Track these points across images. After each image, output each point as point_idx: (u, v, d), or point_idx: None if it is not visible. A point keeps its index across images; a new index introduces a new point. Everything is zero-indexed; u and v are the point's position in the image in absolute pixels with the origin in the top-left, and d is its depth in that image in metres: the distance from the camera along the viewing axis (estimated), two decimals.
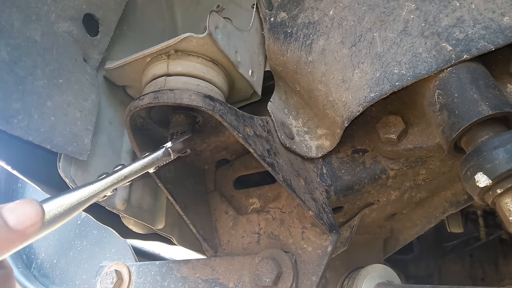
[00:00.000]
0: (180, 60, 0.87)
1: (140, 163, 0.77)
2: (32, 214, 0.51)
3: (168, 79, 0.87)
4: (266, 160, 0.82)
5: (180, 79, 0.87)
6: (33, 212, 0.51)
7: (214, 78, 0.91)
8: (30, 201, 0.52)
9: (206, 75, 0.89)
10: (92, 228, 1.64)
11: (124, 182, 0.74)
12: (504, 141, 0.69)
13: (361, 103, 0.83)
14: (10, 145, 0.83)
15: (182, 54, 0.87)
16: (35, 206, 0.51)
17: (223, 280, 0.96)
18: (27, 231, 0.50)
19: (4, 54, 0.71)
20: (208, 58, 0.90)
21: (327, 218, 0.90)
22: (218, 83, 0.92)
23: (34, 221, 0.50)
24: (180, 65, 0.87)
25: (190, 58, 0.88)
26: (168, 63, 0.87)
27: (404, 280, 2.02)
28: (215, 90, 0.91)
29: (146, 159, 0.78)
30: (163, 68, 0.87)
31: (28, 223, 0.50)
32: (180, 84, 0.86)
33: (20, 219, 0.49)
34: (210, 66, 0.90)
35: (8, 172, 0.87)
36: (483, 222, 1.94)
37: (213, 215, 1.10)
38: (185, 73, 0.87)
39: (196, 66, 0.88)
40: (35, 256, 1.73)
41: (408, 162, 0.96)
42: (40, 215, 0.52)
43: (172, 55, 0.87)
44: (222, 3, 1.20)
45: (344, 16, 0.90)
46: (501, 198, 0.70)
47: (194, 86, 0.87)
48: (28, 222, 0.50)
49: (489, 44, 0.75)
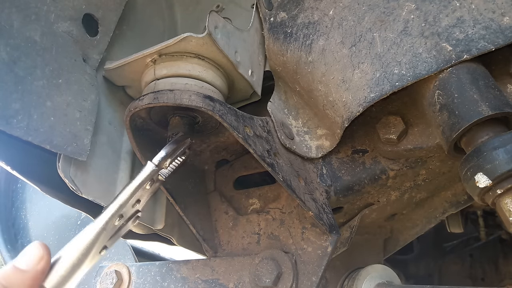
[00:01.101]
0: (181, 61, 0.88)
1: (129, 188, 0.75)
2: (35, 252, 0.60)
3: (168, 80, 0.87)
4: (266, 160, 0.81)
5: (179, 80, 0.87)
6: (36, 251, 0.60)
7: (214, 79, 0.91)
8: (33, 243, 0.61)
9: (206, 76, 0.89)
10: None
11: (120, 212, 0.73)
12: (504, 141, 0.69)
13: (361, 103, 0.83)
14: (10, 145, 0.83)
15: (184, 55, 0.87)
16: (36, 245, 0.60)
17: (223, 281, 0.96)
18: (37, 267, 0.59)
19: (3, 54, 0.71)
20: (207, 59, 0.90)
21: (327, 219, 0.90)
22: (218, 84, 0.92)
23: (39, 257, 0.59)
24: (172, 67, 0.87)
25: (190, 60, 0.88)
26: (170, 63, 0.87)
27: (404, 280, 2.02)
28: (215, 91, 0.91)
29: (134, 183, 0.76)
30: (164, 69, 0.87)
31: (35, 260, 0.59)
32: (180, 86, 0.86)
33: (27, 260, 0.59)
34: (210, 67, 0.90)
35: (8, 172, 0.87)
36: (483, 222, 1.94)
37: (213, 216, 1.10)
38: (185, 75, 0.88)
39: (196, 67, 0.88)
40: None
41: (408, 163, 0.96)
42: (44, 251, 0.60)
43: (173, 55, 0.87)
44: (222, 3, 1.20)
45: (344, 16, 0.90)
46: (501, 199, 0.70)
47: (195, 87, 0.87)
48: (35, 259, 0.59)
49: (489, 44, 0.75)
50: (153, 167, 0.77)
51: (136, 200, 0.76)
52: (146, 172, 0.77)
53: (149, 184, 0.77)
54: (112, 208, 0.72)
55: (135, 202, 0.76)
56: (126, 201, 0.74)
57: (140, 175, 0.77)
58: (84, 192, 0.85)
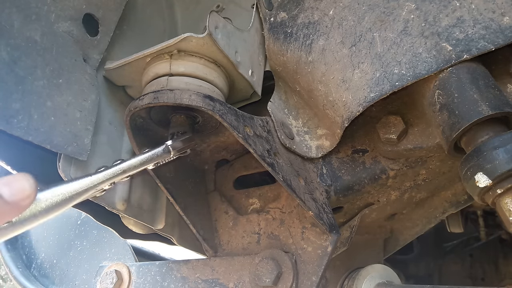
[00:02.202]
0: (183, 60, 0.87)
1: (139, 158, 0.77)
2: (25, 186, 0.51)
3: (170, 78, 0.87)
4: (266, 160, 0.81)
5: (183, 79, 0.87)
6: (26, 185, 0.51)
7: (215, 79, 0.91)
8: (23, 174, 0.51)
9: (207, 76, 0.89)
10: (92, 228, 1.64)
11: (123, 176, 0.73)
12: (504, 141, 0.69)
13: (361, 103, 0.83)
14: (10, 145, 0.83)
15: (184, 55, 0.87)
16: (28, 179, 0.51)
17: (223, 281, 0.96)
18: (22, 203, 0.50)
19: (4, 54, 0.71)
20: (209, 59, 0.90)
21: (327, 218, 0.90)
22: (219, 84, 0.92)
23: (27, 194, 0.51)
24: (183, 65, 0.87)
25: (192, 59, 0.88)
26: (171, 62, 0.87)
27: (404, 280, 2.02)
28: (216, 91, 0.91)
29: (146, 155, 0.78)
30: (165, 67, 0.87)
31: (22, 195, 0.50)
32: (183, 85, 0.86)
33: (14, 191, 0.49)
34: (211, 67, 0.90)
35: (8, 172, 0.87)
36: (483, 222, 1.94)
37: (213, 215, 1.10)
38: (187, 74, 0.87)
39: (198, 67, 0.88)
40: (35, 256, 1.72)
41: (408, 162, 0.96)
42: (34, 188, 0.51)
43: (174, 55, 0.87)
44: (222, 3, 1.20)
45: (344, 16, 0.90)
46: (501, 198, 0.70)
47: (196, 87, 0.87)
48: (22, 194, 0.50)
49: (489, 44, 0.75)
50: (168, 149, 0.79)
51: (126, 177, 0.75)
52: (160, 151, 0.79)
53: (155, 164, 0.79)
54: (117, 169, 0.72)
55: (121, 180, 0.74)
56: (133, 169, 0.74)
57: (155, 150, 0.78)
58: None
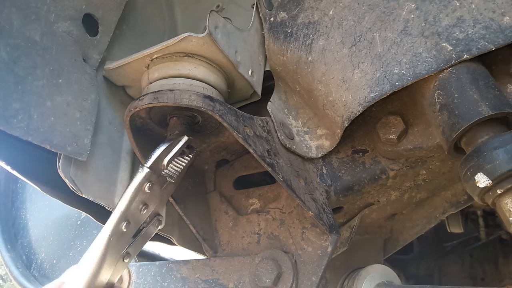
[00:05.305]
0: (183, 62, 0.87)
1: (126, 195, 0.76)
2: None
3: (170, 80, 0.87)
4: (266, 160, 0.81)
5: (183, 80, 0.87)
6: None
7: (214, 79, 0.91)
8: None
9: (207, 76, 0.89)
10: (92, 228, 1.64)
11: None
12: (504, 141, 0.69)
13: (361, 103, 0.83)
14: (10, 145, 0.83)
15: (184, 56, 0.87)
16: None
17: (223, 281, 0.96)
18: None
19: (3, 54, 0.71)
20: (207, 59, 0.89)
21: (327, 219, 0.90)
22: (218, 84, 0.92)
23: None
24: (183, 66, 0.87)
25: (192, 60, 0.88)
26: (171, 64, 0.87)
27: (404, 280, 2.02)
28: (215, 91, 0.91)
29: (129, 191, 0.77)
30: (165, 69, 0.87)
31: None
32: (183, 86, 0.86)
33: None
34: (211, 68, 0.90)
35: (8, 172, 0.87)
36: (483, 222, 1.94)
37: (213, 216, 1.10)
38: (187, 75, 0.87)
39: (199, 68, 0.88)
40: (35, 257, 1.72)
41: (408, 163, 0.96)
42: None
43: (174, 56, 0.87)
44: (222, 2, 1.20)
45: (344, 16, 0.90)
46: (501, 199, 0.70)
47: (196, 87, 0.87)
48: None
49: (489, 44, 0.75)
50: (146, 170, 0.77)
51: (143, 205, 0.75)
52: (140, 177, 0.77)
53: (148, 187, 0.77)
54: (114, 216, 0.72)
55: (142, 207, 0.75)
56: (127, 207, 0.74)
57: (135, 179, 0.77)
58: (84, 192, 0.85)
